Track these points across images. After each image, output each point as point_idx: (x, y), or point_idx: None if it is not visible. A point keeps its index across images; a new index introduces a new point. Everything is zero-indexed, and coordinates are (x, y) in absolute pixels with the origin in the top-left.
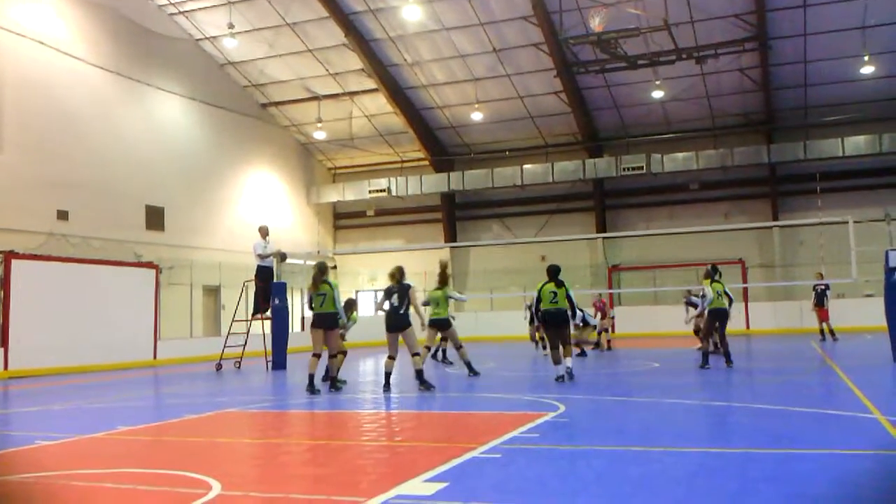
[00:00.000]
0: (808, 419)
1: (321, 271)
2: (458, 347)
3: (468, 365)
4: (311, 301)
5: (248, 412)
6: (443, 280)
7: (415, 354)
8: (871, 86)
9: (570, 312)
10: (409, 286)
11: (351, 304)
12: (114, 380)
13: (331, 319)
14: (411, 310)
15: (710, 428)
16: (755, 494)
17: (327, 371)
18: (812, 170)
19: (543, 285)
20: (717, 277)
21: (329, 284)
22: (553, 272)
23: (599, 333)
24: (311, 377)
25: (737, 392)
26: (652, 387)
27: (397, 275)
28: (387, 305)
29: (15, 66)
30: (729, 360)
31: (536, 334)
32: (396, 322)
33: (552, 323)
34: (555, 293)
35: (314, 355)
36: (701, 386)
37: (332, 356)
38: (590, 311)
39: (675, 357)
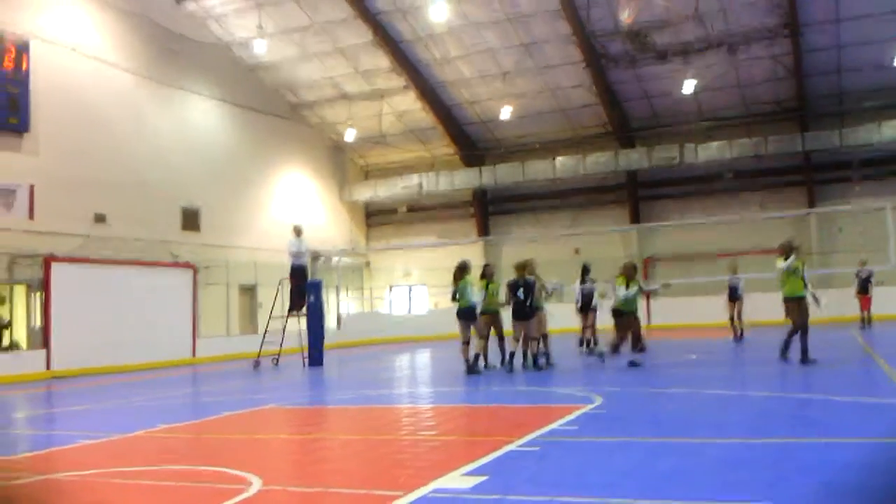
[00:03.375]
0: (847, 408)
1: (459, 269)
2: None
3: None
4: (453, 295)
5: (287, 408)
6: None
7: (532, 339)
8: None
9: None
10: (533, 281)
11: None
12: (154, 378)
13: (466, 312)
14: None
15: (747, 418)
16: (791, 484)
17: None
18: (848, 157)
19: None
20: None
21: (465, 280)
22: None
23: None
24: (466, 362)
25: (775, 382)
26: (689, 378)
27: (523, 269)
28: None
29: (49, 73)
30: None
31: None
32: (522, 313)
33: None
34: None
35: (463, 342)
36: (739, 377)
37: (529, 338)
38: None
39: (712, 348)
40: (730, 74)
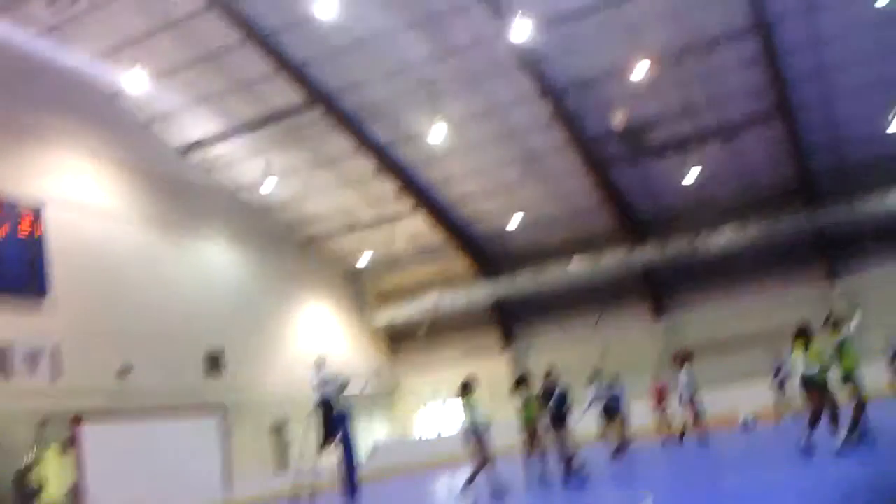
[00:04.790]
0: None
1: (462, 388)
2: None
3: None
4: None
5: None
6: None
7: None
8: None
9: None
10: (566, 388)
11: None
12: None
13: (468, 433)
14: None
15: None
16: None
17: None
18: (861, 228)
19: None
20: None
21: (467, 400)
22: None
23: (666, 424)
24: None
25: (819, 464)
26: (734, 467)
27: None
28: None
29: (64, 234)
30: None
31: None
32: (558, 420)
33: None
34: None
35: (485, 462)
36: (783, 461)
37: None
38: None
39: (765, 435)
40: (730, 162)
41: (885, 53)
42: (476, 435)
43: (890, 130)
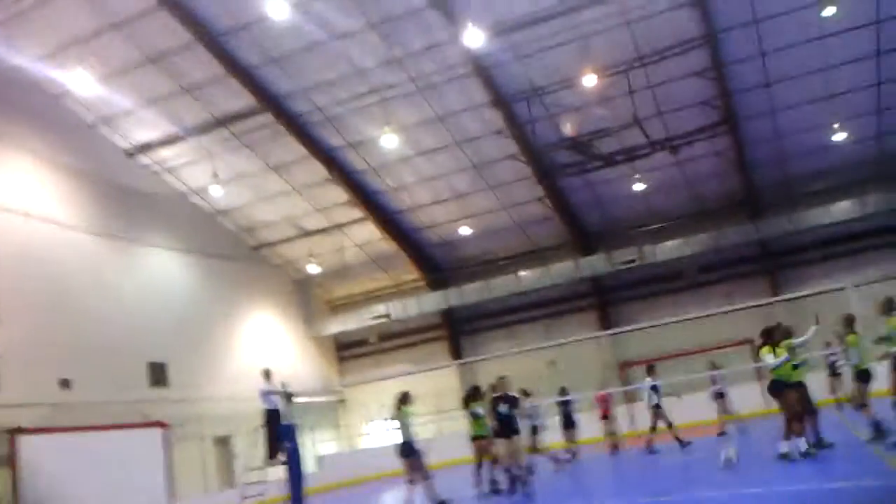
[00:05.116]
0: (848, 494)
1: (398, 400)
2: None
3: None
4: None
5: None
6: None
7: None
8: (847, 150)
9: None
10: (515, 397)
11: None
12: None
13: (401, 449)
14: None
15: None
16: None
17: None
18: (804, 240)
19: None
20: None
21: (402, 413)
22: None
23: (611, 434)
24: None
25: (768, 476)
26: (685, 482)
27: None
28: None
29: (4, 240)
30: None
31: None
32: (509, 429)
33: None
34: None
35: (423, 479)
36: (730, 475)
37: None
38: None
39: (707, 446)
40: (676, 173)
41: (828, 66)
42: (412, 450)
43: (833, 141)
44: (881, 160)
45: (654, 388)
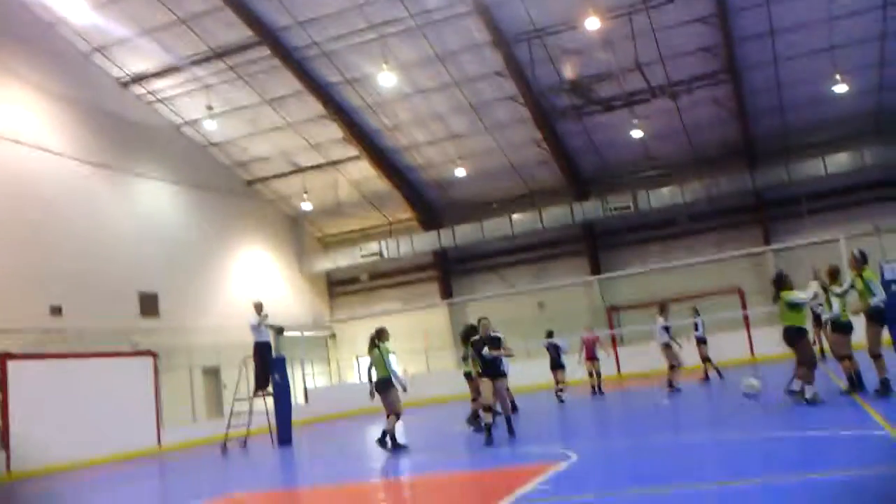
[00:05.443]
0: (824, 442)
1: (373, 336)
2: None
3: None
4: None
5: (255, 494)
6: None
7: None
8: (847, 103)
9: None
10: (499, 337)
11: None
12: (119, 471)
13: (379, 384)
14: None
15: (725, 461)
16: None
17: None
18: (798, 192)
19: None
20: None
21: (378, 349)
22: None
23: (590, 375)
24: (388, 435)
25: (749, 422)
26: (663, 425)
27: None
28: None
29: None
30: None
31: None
32: (493, 370)
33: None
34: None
35: (392, 415)
36: (711, 420)
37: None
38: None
39: (683, 392)
40: (675, 121)
41: (832, 18)
42: (389, 385)
43: (834, 93)
44: (880, 114)
45: (666, 329)
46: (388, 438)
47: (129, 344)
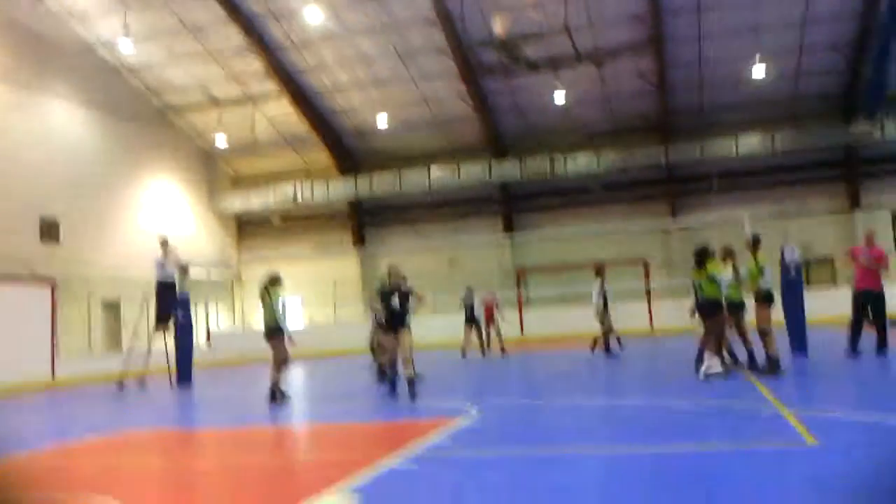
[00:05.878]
0: (715, 415)
1: (265, 282)
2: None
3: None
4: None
5: (153, 431)
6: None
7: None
8: (764, 86)
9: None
10: (408, 288)
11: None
12: (10, 402)
13: (267, 331)
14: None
15: (621, 427)
16: (668, 493)
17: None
18: (709, 170)
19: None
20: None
21: (270, 295)
22: (696, 258)
23: (486, 335)
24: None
25: (647, 391)
26: (563, 388)
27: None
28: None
29: None
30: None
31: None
32: (399, 321)
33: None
34: (700, 282)
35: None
36: (610, 386)
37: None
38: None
39: (583, 357)
40: (598, 88)
41: None
42: (277, 332)
43: (752, 77)
44: (795, 99)
45: (602, 293)
46: (276, 390)
47: (27, 271)
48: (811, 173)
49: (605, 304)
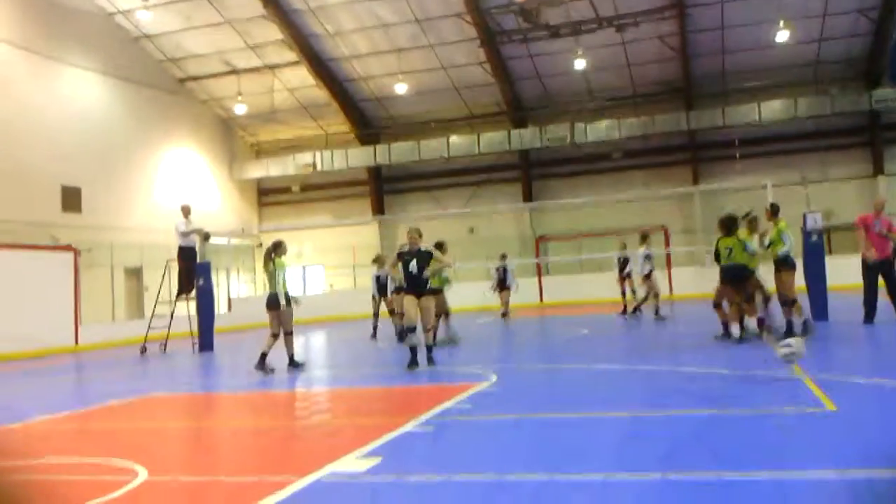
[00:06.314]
0: (735, 381)
1: (269, 250)
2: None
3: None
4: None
5: (175, 396)
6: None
7: (429, 325)
8: (787, 51)
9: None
10: (428, 252)
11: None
12: (34, 368)
13: (271, 300)
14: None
15: (639, 392)
16: (684, 456)
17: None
18: (731, 136)
19: (718, 240)
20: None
21: (273, 264)
22: (726, 226)
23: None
24: (262, 355)
25: (666, 356)
26: (581, 353)
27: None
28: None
29: None
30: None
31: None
32: (415, 285)
33: (729, 279)
34: (730, 248)
35: (271, 335)
36: (629, 351)
37: (285, 335)
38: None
39: (602, 323)
40: (619, 54)
41: None
42: (278, 302)
43: (776, 41)
44: (818, 65)
45: (647, 257)
46: (266, 361)
47: (49, 238)
48: (834, 139)
49: (651, 269)
